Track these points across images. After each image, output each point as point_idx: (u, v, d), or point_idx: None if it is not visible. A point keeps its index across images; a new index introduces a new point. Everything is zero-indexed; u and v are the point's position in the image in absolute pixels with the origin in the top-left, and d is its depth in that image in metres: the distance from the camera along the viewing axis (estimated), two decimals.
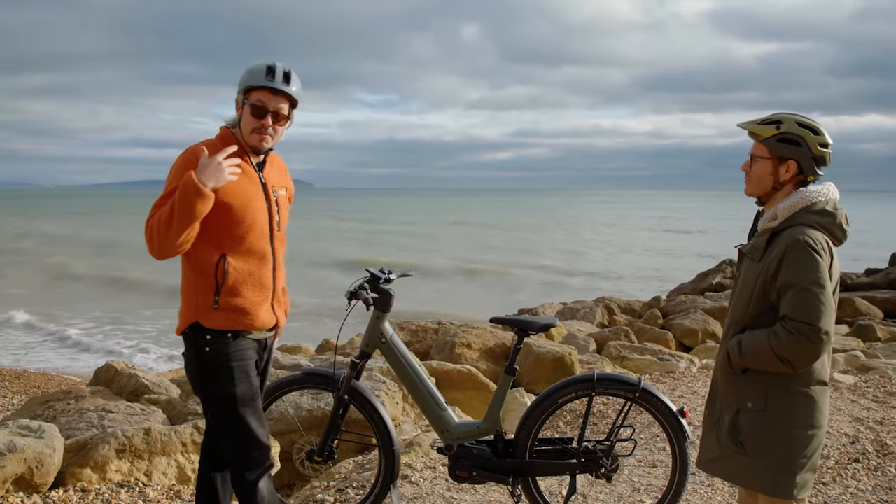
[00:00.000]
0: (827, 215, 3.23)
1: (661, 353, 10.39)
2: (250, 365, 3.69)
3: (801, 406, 3.25)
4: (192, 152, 3.54)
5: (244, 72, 3.64)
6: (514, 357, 4.46)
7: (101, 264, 39.72)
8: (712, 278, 20.63)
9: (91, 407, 6.90)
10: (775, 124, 3.32)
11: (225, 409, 3.65)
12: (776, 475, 3.26)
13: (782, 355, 3.14)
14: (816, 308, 3.08)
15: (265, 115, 3.61)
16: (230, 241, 3.59)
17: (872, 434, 6.50)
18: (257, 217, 3.64)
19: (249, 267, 3.64)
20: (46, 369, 16.86)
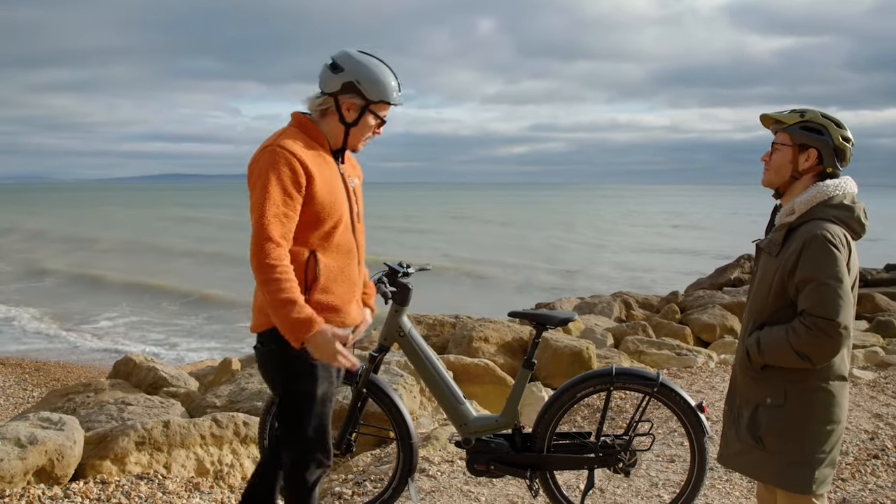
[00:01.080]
0: (845, 209, 3.21)
1: (679, 348, 10.36)
2: (333, 364, 3.60)
3: (819, 401, 3.23)
4: (282, 156, 3.37)
5: (368, 76, 3.52)
6: (532, 351, 4.45)
7: (73, 261, 39.59)
8: (730, 273, 20.54)
9: (110, 399, 6.95)
10: (800, 113, 3.32)
11: (303, 406, 3.58)
12: (795, 470, 3.24)
13: (801, 351, 3.12)
14: (835, 303, 3.06)
15: (382, 123, 3.65)
16: (319, 238, 3.49)
17: (892, 430, 6.47)
18: (343, 213, 3.56)
19: (338, 263, 3.56)
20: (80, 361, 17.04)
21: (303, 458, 3.67)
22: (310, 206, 3.41)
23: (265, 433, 4.65)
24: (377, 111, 3.59)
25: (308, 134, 3.56)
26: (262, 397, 6.56)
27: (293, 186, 3.36)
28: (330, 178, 3.52)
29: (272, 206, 3.32)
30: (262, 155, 3.43)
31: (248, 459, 5.64)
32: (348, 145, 3.64)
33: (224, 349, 17.97)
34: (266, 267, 3.28)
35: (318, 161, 3.49)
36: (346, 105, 3.55)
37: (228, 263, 37.75)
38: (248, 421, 5.75)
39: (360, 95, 3.53)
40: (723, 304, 14.25)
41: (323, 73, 3.58)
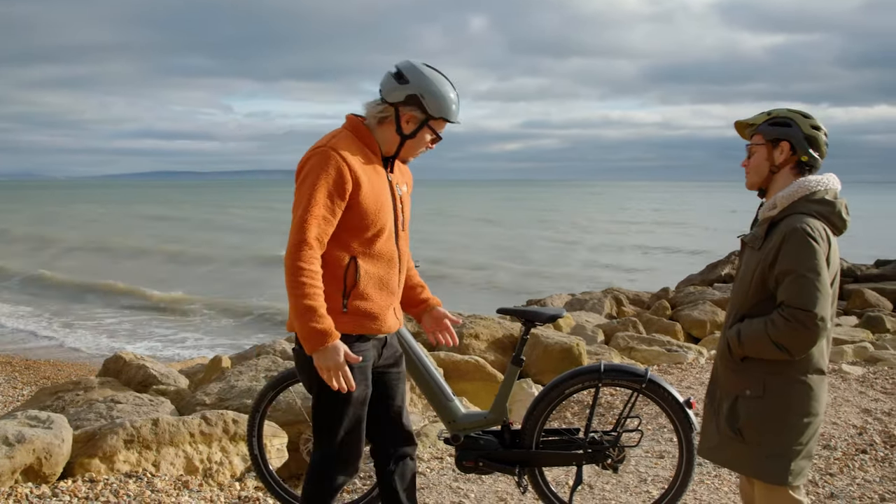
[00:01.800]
0: (826, 204, 3.27)
1: (670, 345, 10.39)
2: (368, 366, 3.61)
3: (798, 393, 3.28)
4: (331, 158, 3.39)
5: (432, 91, 3.52)
6: (520, 348, 4.46)
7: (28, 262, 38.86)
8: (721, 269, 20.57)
9: (100, 398, 6.93)
10: (767, 112, 3.46)
11: (337, 408, 3.57)
12: (772, 462, 3.29)
13: (779, 342, 3.17)
14: (812, 294, 3.11)
15: (437, 139, 3.65)
16: (361, 244, 3.50)
17: (880, 425, 6.50)
18: (388, 220, 3.56)
19: (379, 270, 3.56)
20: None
21: (330, 461, 3.67)
22: (354, 212, 3.43)
23: (254, 431, 4.65)
24: (435, 127, 3.60)
25: (361, 139, 3.57)
26: (252, 395, 6.55)
27: (338, 191, 3.37)
28: (377, 185, 3.52)
29: (315, 207, 3.34)
30: (313, 154, 3.44)
31: (238, 457, 5.63)
32: (400, 155, 3.65)
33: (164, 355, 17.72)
34: (296, 269, 3.31)
35: (368, 167, 3.51)
36: (407, 117, 3.55)
37: (187, 263, 38.07)
38: (238, 419, 5.74)
39: (422, 109, 3.53)
40: (713, 301, 14.28)
41: (386, 82, 3.56)
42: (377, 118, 3.58)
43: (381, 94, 3.58)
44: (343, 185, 3.38)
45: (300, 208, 3.37)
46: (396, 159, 3.68)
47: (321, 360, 3.33)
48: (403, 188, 3.74)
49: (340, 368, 3.35)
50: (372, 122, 3.59)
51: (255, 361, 7.62)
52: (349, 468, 3.71)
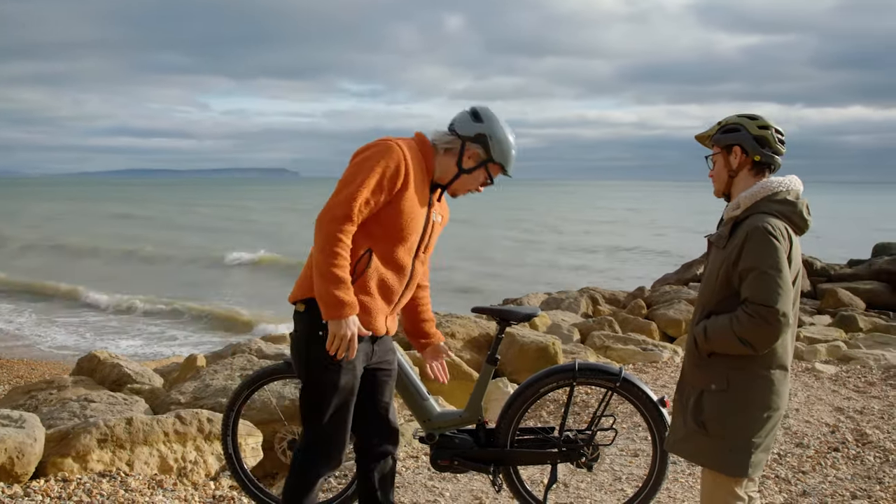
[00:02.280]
0: (787, 204, 3.37)
1: (645, 343, 10.43)
2: (358, 357, 3.68)
3: (760, 388, 3.36)
4: (396, 152, 3.58)
5: (501, 138, 3.76)
6: (495, 346, 4.47)
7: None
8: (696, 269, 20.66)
9: (73, 396, 6.88)
10: (718, 123, 3.59)
11: (323, 395, 3.68)
12: (734, 455, 3.36)
13: (743, 337, 3.25)
14: (774, 290, 3.20)
15: (489, 183, 3.86)
16: (383, 241, 3.63)
17: (852, 423, 6.56)
18: (414, 233, 3.70)
19: (387, 274, 3.67)
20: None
21: (313, 448, 3.77)
22: (390, 209, 3.60)
23: (229, 430, 4.64)
24: (491, 171, 3.81)
25: (423, 155, 3.77)
26: (227, 394, 6.53)
27: (389, 183, 3.54)
28: (418, 199, 3.67)
29: (365, 188, 3.50)
30: (379, 142, 3.64)
31: (212, 456, 5.61)
32: (452, 188, 3.83)
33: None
34: (333, 238, 3.46)
35: (418, 180, 3.68)
36: (470, 153, 3.77)
37: (136, 262, 37.79)
38: (213, 417, 5.71)
39: (486, 150, 3.76)
40: (688, 300, 14.35)
41: (462, 117, 3.81)
42: (443, 147, 3.79)
43: (453, 128, 3.81)
44: (395, 179, 3.55)
45: (352, 184, 3.51)
46: (445, 190, 3.86)
47: (337, 327, 3.45)
48: (438, 218, 3.89)
49: (351, 340, 3.48)
50: (437, 148, 3.81)
51: (230, 360, 7.60)
52: (332, 459, 3.77)
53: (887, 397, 7.40)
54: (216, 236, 51.38)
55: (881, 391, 7.64)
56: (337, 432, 3.74)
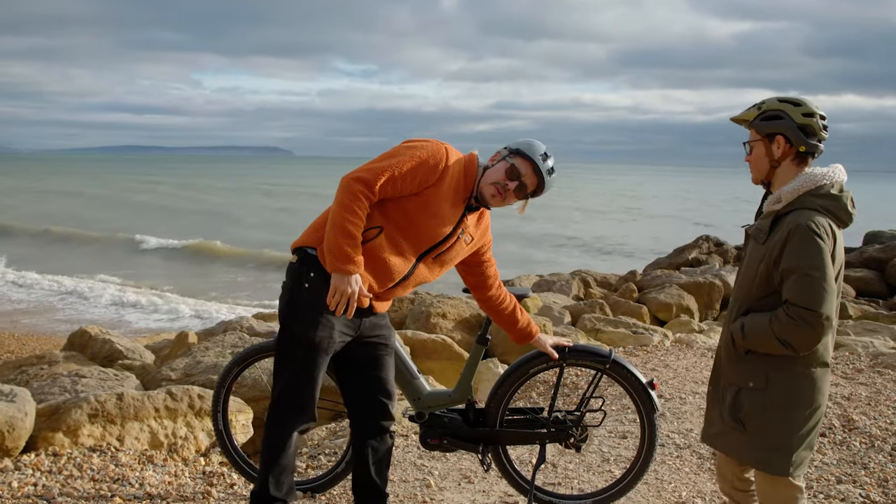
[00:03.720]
0: (832, 199, 3.26)
1: (636, 327, 10.47)
2: (340, 319, 3.74)
3: (801, 387, 3.29)
4: (442, 153, 3.73)
5: (538, 160, 3.84)
6: (486, 327, 4.48)
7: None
8: (688, 253, 20.74)
9: (64, 372, 6.89)
10: (757, 106, 3.40)
11: (295, 349, 3.74)
12: (774, 453, 3.32)
13: (784, 339, 3.18)
14: (817, 293, 3.11)
15: (515, 178, 3.85)
16: (396, 226, 3.72)
17: (840, 409, 6.60)
18: (430, 234, 3.77)
19: (388, 258, 3.73)
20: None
21: (283, 400, 3.82)
22: (414, 201, 3.69)
23: (219, 406, 4.65)
24: (514, 162, 3.86)
25: (466, 171, 3.85)
26: (218, 370, 6.54)
27: (423, 174, 3.66)
28: (445, 209, 3.77)
29: (399, 169, 3.62)
30: (433, 140, 3.78)
31: (203, 432, 5.63)
32: (479, 190, 3.87)
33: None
34: (354, 196, 3.56)
35: (451, 190, 3.77)
36: (496, 156, 3.92)
37: (41, 244, 36.63)
38: (203, 394, 5.73)
39: (524, 159, 3.85)
40: (680, 284, 14.39)
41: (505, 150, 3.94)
42: (489, 165, 3.91)
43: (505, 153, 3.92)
44: (429, 174, 3.67)
45: (390, 160, 3.64)
46: (475, 198, 3.90)
47: (340, 281, 3.56)
48: (468, 238, 3.96)
49: (351, 296, 3.57)
50: (486, 163, 3.93)
51: (221, 337, 7.61)
52: (303, 411, 3.83)
53: (874, 384, 7.45)
54: (144, 217, 49.43)
55: (868, 378, 7.69)
56: (306, 385, 3.78)
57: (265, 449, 3.87)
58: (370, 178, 3.58)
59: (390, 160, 3.63)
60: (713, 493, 4.97)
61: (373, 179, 3.58)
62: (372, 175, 3.58)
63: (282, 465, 3.85)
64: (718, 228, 35.38)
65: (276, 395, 3.84)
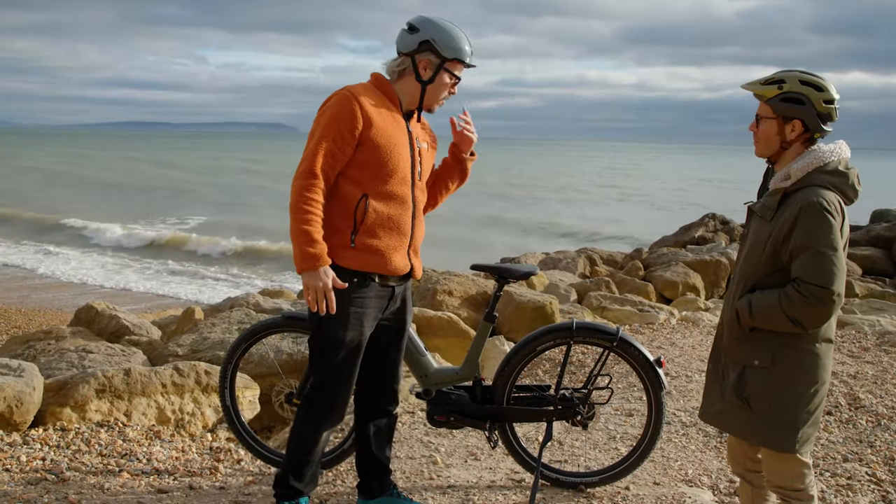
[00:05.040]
0: (840, 175, 3.24)
1: (642, 305, 10.46)
2: (367, 314, 3.75)
3: (807, 364, 3.29)
4: (346, 98, 3.62)
5: (443, 35, 3.72)
6: (493, 304, 4.47)
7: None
8: (694, 231, 20.70)
9: (71, 347, 6.91)
10: (778, 84, 3.31)
11: (327, 349, 3.75)
12: (780, 431, 3.31)
13: (794, 317, 3.17)
14: (830, 271, 3.11)
15: (455, 80, 3.82)
16: (373, 182, 3.67)
17: (846, 388, 6.60)
18: (400, 162, 3.72)
19: (389, 210, 3.72)
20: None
21: (315, 397, 3.84)
22: (365, 149, 3.63)
23: (227, 382, 4.66)
24: (452, 69, 3.79)
25: (382, 91, 3.80)
26: (225, 347, 6.55)
27: (348, 127, 3.59)
28: (393, 130, 3.70)
29: (324, 140, 3.58)
30: (331, 96, 3.69)
31: (210, 408, 5.65)
32: (424, 104, 3.83)
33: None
34: (298, 195, 3.55)
35: (384, 112, 3.70)
36: (423, 64, 3.75)
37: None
38: (210, 370, 5.74)
39: (436, 53, 3.73)
40: (686, 262, 14.38)
41: (400, 36, 3.80)
42: (396, 72, 3.81)
43: (398, 50, 3.80)
44: (353, 121, 3.58)
45: (312, 141, 3.62)
46: (422, 111, 3.86)
47: (308, 279, 3.55)
48: (424, 145, 3.91)
49: (325, 290, 3.56)
50: (393, 77, 3.82)
51: (228, 314, 7.62)
52: (334, 412, 3.85)
53: (881, 363, 7.44)
54: (85, 194, 48.13)
55: (875, 356, 7.68)
56: (338, 384, 3.80)
57: (292, 440, 3.89)
58: (306, 167, 3.57)
59: (313, 138, 3.62)
60: (719, 470, 4.98)
61: (308, 166, 3.57)
62: (307, 163, 3.58)
63: (305, 459, 3.88)
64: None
65: (308, 393, 3.86)
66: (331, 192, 3.67)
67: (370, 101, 3.66)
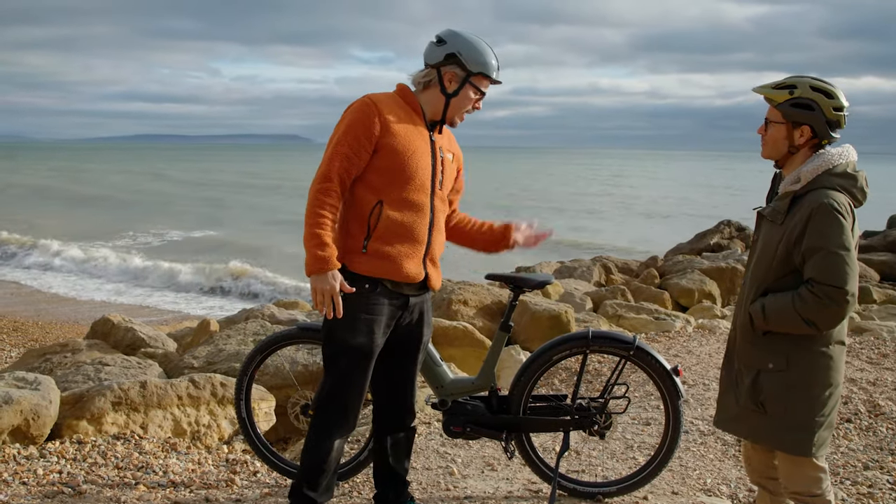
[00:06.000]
0: (849, 178, 3.26)
1: (658, 313, 10.40)
2: (378, 321, 3.74)
3: (821, 366, 3.29)
4: (364, 104, 3.66)
5: (470, 49, 3.73)
6: (509, 314, 4.45)
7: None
8: (710, 238, 20.59)
9: (87, 360, 6.93)
10: (789, 89, 3.33)
11: (338, 355, 3.76)
12: (795, 434, 3.31)
13: (808, 318, 3.18)
14: (843, 271, 3.12)
15: (480, 96, 3.84)
16: (389, 188, 3.68)
17: (865, 395, 6.54)
18: (419, 170, 3.72)
19: (404, 218, 3.71)
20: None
21: (326, 405, 3.84)
22: (382, 156, 3.64)
23: (242, 394, 4.65)
24: (477, 83, 3.79)
25: (406, 101, 3.80)
26: (240, 358, 6.56)
27: (366, 132, 3.61)
28: (413, 137, 3.71)
29: (341, 145, 3.61)
30: (353, 103, 3.73)
31: (226, 420, 5.65)
32: (448, 116, 3.83)
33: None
34: (315, 200, 3.58)
35: (404, 120, 3.72)
36: (448, 76, 3.77)
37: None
38: (226, 382, 5.74)
39: (462, 66, 3.74)
40: (702, 269, 14.29)
41: (427, 48, 3.81)
42: (422, 83, 3.81)
43: (425, 62, 3.81)
44: (370, 127, 3.61)
45: (331, 144, 3.64)
46: (445, 123, 3.86)
47: (316, 282, 3.57)
48: (448, 156, 3.90)
49: (332, 293, 3.56)
50: (417, 88, 3.83)
51: (243, 325, 7.63)
52: (346, 419, 3.84)
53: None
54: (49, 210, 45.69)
55: (894, 363, 7.62)
56: (350, 391, 3.79)
57: (306, 450, 3.88)
58: (323, 171, 3.60)
59: (331, 144, 3.65)
60: (738, 479, 4.94)
61: (325, 171, 3.59)
62: (323, 168, 3.61)
63: (320, 468, 3.86)
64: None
65: (321, 400, 3.86)
66: (347, 198, 3.71)
67: (390, 109, 3.69)
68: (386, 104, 3.69)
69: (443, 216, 3.92)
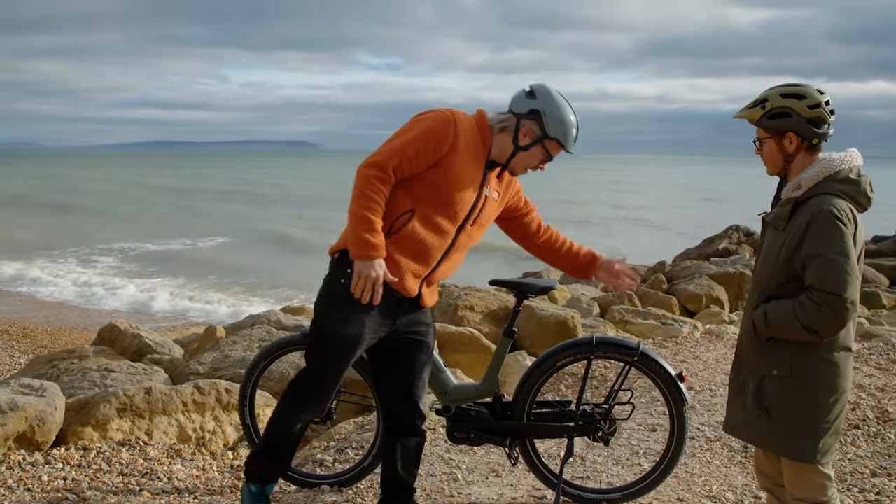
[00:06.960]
0: (851, 183, 3.24)
1: (665, 318, 10.38)
2: (371, 316, 3.73)
3: (825, 372, 3.27)
4: (448, 119, 3.66)
5: (555, 112, 3.74)
6: (513, 319, 4.45)
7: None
8: (718, 244, 20.57)
9: (94, 366, 6.94)
10: (761, 104, 3.36)
11: (323, 343, 3.77)
12: (800, 441, 3.29)
13: (808, 325, 3.15)
14: (842, 278, 3.09)
15: (548, 160, 3.85)
16: (426, 204, 3.69)
17: (873, 401, 6.50)
18: (460, 202, 3.73)
19: (426, 237, 3.71)
20: None
21: (300, 383, 3.87)
22: (436, 173, 3.65)
23: (247, 400, 4.65)
24: (549, 148, 3.81)
25: (480, 131, 3.79)
26: (246, 364, 6.56)
27: (435, 144, 3.61)
28: (470, 170, 3.72)
29: (410, 145, 3.60)
30: (436, 110, 3.74)
31: (231, 426, 5.65)
32: (510, 166, 3.85)
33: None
34: (367, 182, 3.56)
35: (471, 151, 3.71)
36: (525, 130, 3.77)
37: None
38: (231, 388, 5.75)
39: (541, 126, 3.75)
40: (709, 275, 14.27)
41: (516, 95, 3.82)
42: (499, 125, 3.81)
43: (509, 106, 3.82)
44: (441, 143, 3.61)
45: (400, 139, 3.63)
46: (505, 170, 3.87)
47: (362, 266, 3.55)
48: (495, 195, 3.91)
49: (375, 281, 3.56)
50: (494, 126, 3.81)
51: (249, 331, 7.63)
52: (313, 404, 3.87)
53: None
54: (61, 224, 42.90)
55: None
56: (324, 378, 3.80)
57: (272, 422, 3.94)
58: (382, 160, 3.57)
59: (399, 138, 3.62)
60: (744, 486, 4.91)
61: (384, 161, 3.57)
62: (383, 157, 3.58)
63: (282, 440, 3.92)
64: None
65: (299, 378, 3.88)
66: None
67: (466, 134, 3.69)
68: (464, 128, 3.69)
69: (463, 251, 3.93)
